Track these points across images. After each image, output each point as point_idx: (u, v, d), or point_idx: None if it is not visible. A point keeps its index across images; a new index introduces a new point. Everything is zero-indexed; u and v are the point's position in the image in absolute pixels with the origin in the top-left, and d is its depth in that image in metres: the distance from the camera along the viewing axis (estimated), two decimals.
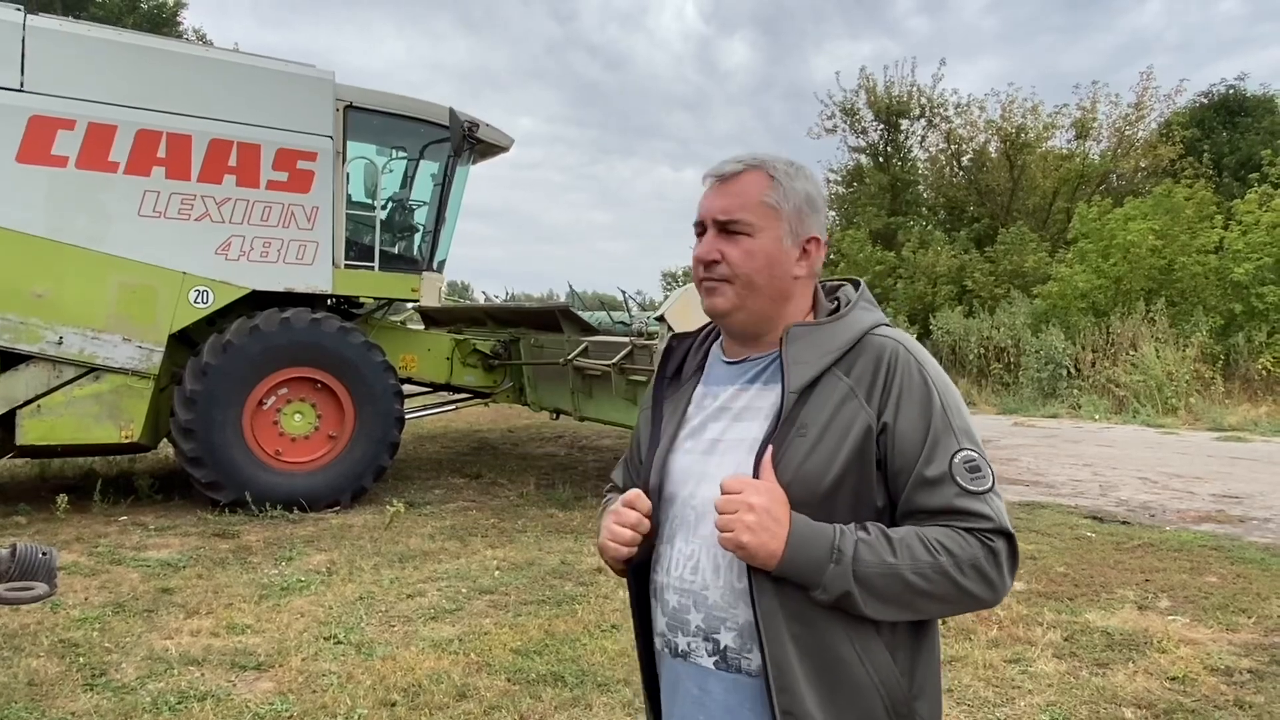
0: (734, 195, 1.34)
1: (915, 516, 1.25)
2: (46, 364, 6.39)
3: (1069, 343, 15.51)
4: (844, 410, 1.26)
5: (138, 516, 6.60)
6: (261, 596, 4.83)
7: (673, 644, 1.35)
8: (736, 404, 1.37)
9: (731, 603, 1.27)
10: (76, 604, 4.61)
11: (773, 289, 1.35)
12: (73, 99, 6.42)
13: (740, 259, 1.33)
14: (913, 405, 1.26)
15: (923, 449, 1.25)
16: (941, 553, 1.20)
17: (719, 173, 1.37)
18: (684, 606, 1.32)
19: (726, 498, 1.23)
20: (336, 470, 7.15)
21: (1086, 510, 7.20)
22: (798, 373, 1.28)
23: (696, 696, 1.31)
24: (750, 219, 1.33)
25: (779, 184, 1.34)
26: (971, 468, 1.25)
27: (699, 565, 1.31)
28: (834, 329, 1.33)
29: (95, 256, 6.48)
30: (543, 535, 6.32)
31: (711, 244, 1.35)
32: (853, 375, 1.29)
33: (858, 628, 1.23)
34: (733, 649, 1.28)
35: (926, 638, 1.31)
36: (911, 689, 1.27)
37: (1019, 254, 20.12)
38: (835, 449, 1.25)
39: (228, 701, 3.50)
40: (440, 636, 4.25)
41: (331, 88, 7.35)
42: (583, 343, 7.36)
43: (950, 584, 1.20)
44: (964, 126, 24.45)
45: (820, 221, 1.39)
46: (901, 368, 1.28)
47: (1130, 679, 3.80)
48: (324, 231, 7.27)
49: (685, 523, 1.35)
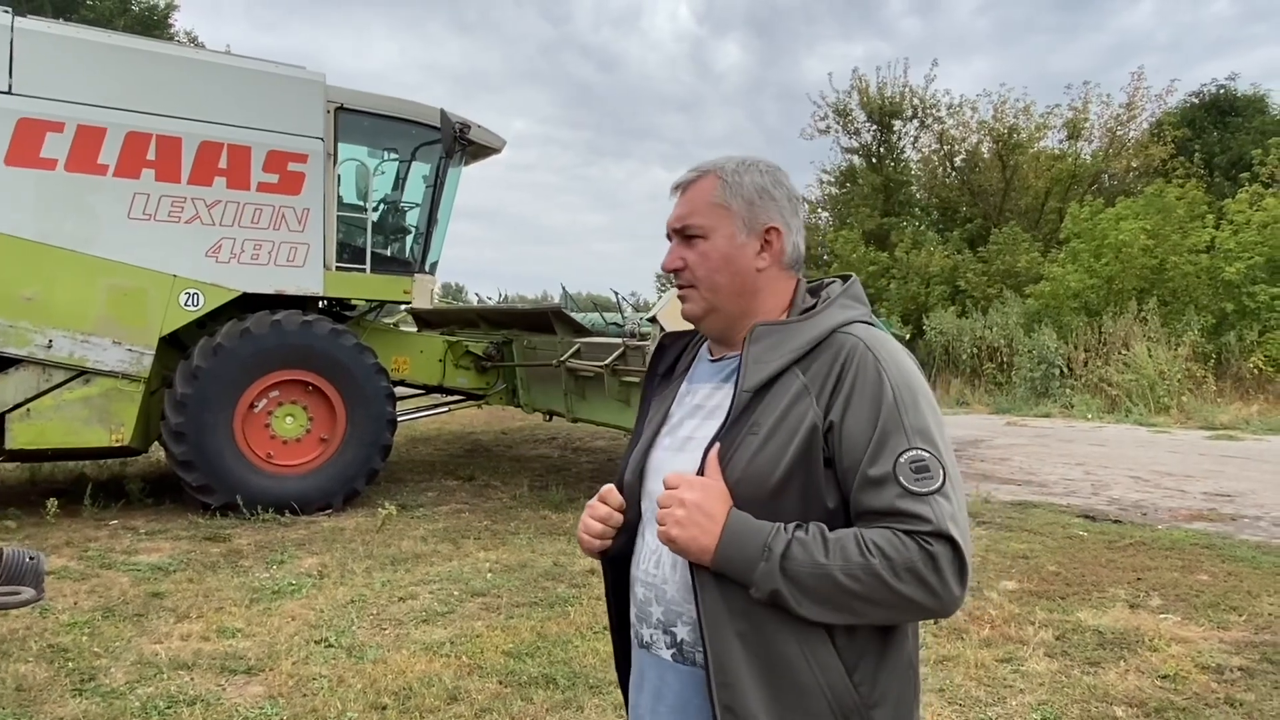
0: (688, 202, 1.39)
1: (864, 518, 1.23)
2: (36, 367, 6.36)
3: (1061, 342, 15.55)
4: (795, 409, 1.26)
5: (128, 520, 6.57)
6: (252, 600, 4.81)
7: (640, 635, 1.39)
8: (709, 402, 1.39)
9: (685, 597, 1.30)
10: (66, 608, 4.58)
11: (735, 285, 1.37)
12: (62, 101, 6.39)
13: (697, 261, 1.38)
14: (863, 402, 1.24)
15: (868, 447, 1.22)
16: (875, 554, 1.17)
17: (678, 183, 1.43)
18: (648, 599, 1.36)
19: (665, 493, 1.25)
20: (328, 473, 7.12)
21: (1079, 509, 7.22)
22: (754, 372, 1.29)
23: (657, 687, 1.35)
24: (701, 221, 1.37)
25: (726, 183, 1.37)
26: (918, 468, 1.21)
27: (660, 560, 1.34)
28: (800, 328, 1.33)
29: (85, 259, 6.45)
30: (535, 537, 6.31)
31: (674, 252, 1.40)
32: (809, 374, 1.28)
33: (804, 630, 1.22)
34: (688, 642, 1.31)
35: (894, 645, 1.28)
36: (873, 695, 1.25)
37: (1012, 254, 20.17)
38: (783, 447, 1.24)
39: (217, 706, 3.48)
40: (432, 639, 4.24)
41: (322, 89, 7.33)
42: (575, 344, 7.35)
43: (884, 587, 1.17)
44: (956, 127, 24.51)
45: (781, 209, 1.39)
46: (857, 363, 1.26)
47: (1122, 677, 3.80)
48: (315, 234, 7.25)
49: (653, 518, 1.36)
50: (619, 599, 1.48)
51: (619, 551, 1.42)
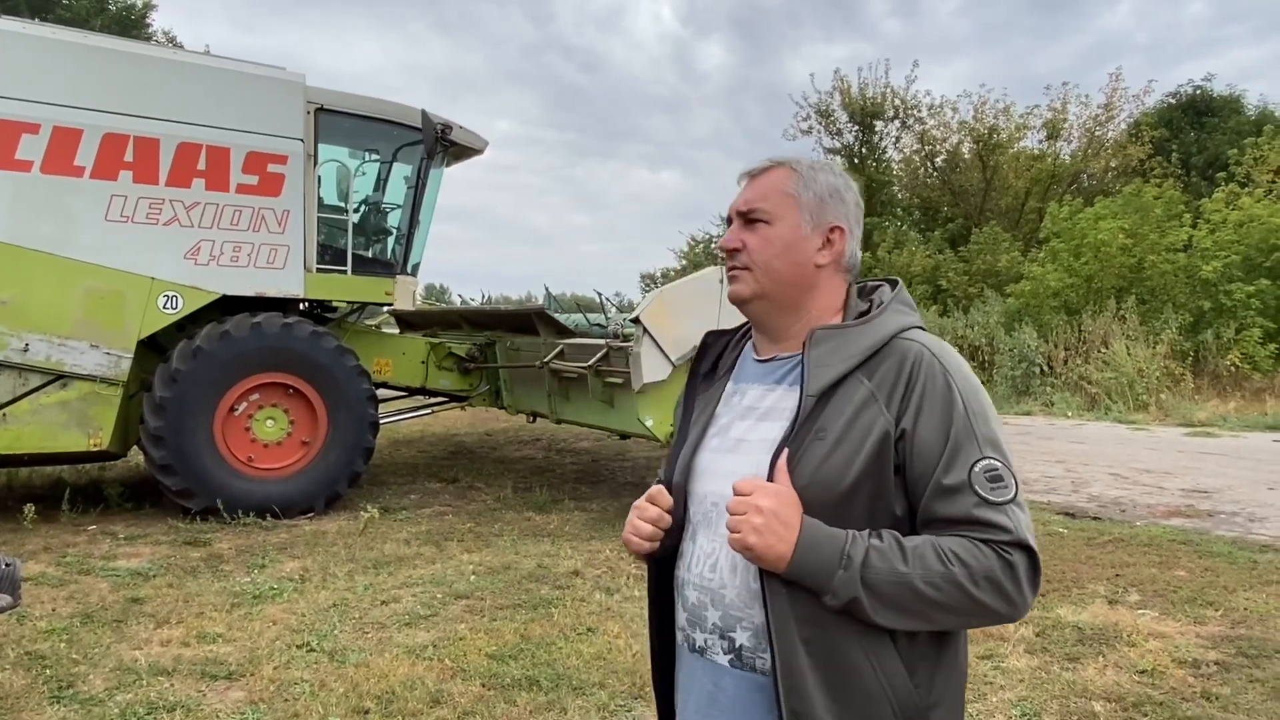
0: (757, 188, 1.40)
1: (934, 525, 1.24)
2: (12, 372, 6.28)
3: (1042, 341, 15.68)
4: (863, 415, 1.25)
5: (107, 525, 6.50)
6: (233, 605, 4.77)
7: (691, 639, 1.37)
8: (763, 404, 1.37)
9: (747, 602, 1.28)
10: (43, 615, 4.53)
11: (792, 275, 1.37)
12: (37, 102, 6.31)
13: (757, 245, 1.37)
14: (934, 411, 1.25)
15: (942, 456, 1.23)
16: (955, 563, 1.19)
17: (749, 170, 1.43)
18: (702, 603, 1.34)
19: (736, 499, 1.23)
20: (310, 476, 7.08)
21: (1059, 506, 7.28)
22: (818, 375, 1.29)
23: (711, 692, 1.33)
24: (768, 207, 1.37)
25: (800, 175, 1.39)
26: (993, 477, 1.22)
27: (718, 564, 1.32)
28: (860, 332, 1.33)
29: (61, 262, 6.38)
30: (519, 539, 6.29)
31: (734, 233, 1.40)
32: (875, 379, 1.28)
33: (871, 634, 1.23)
34: (747, 648, 1.29)
35: (949, 648, 1.30)
36: (929, 698, 1.26)
37: (992, 253, 20.33)
38: (853, 453, 1.24)
39: (197, 711, 3.46)
40: (415, 642, 4.22)
41: (302, 90, 7.29)
42: (559, 345, 7.35)
43: (963, 595, 1.18)
44: (937, 127, 24.68)
45: (848, 213, 1.40)
46: (925, 372, 1.27)
47: (1100, 673, 3.84)
48: (295, 235, 7.20)
49: (707, 520, 1.36)
50: (660, 600, 1.45)
51: (663, 553, 1.40)
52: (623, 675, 3.78)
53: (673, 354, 6.17)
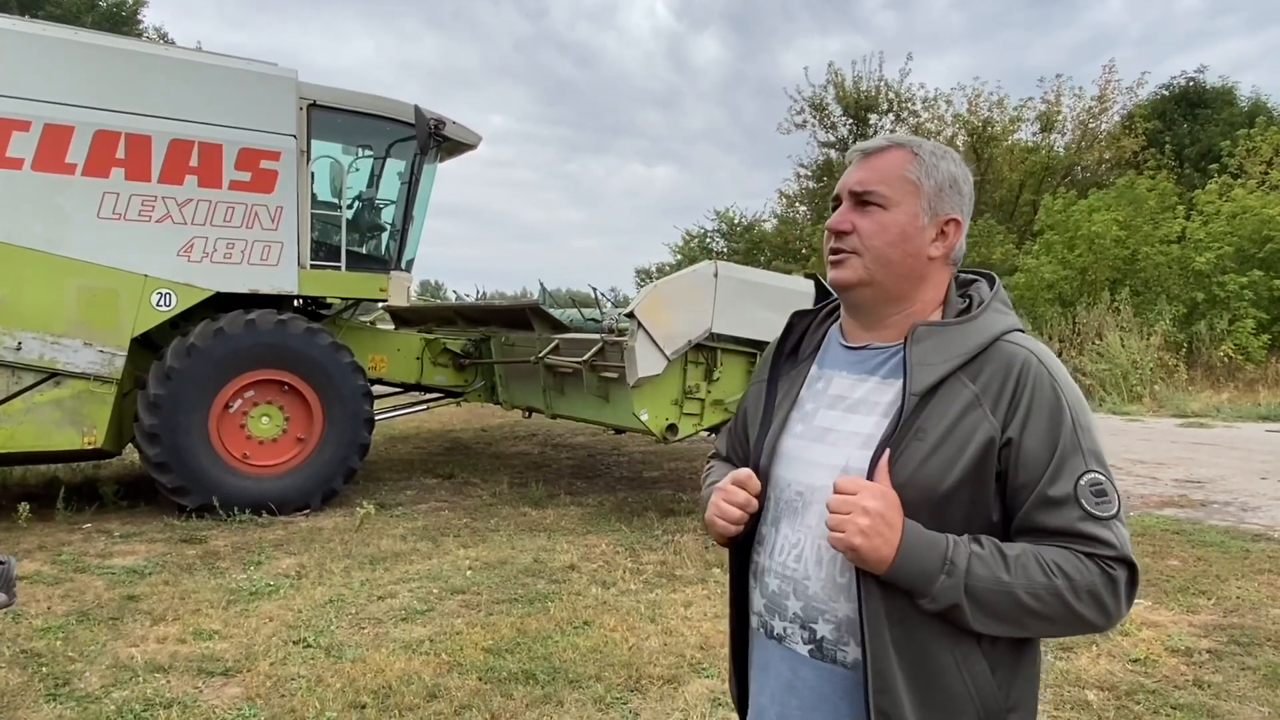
0: (874, 169, 1.33)
1: (1033, 534, 1.22)
2: (5, 370, 6.26)
3: (1036, 332, 15.73)
4: (967, 418, 1.23)
5: (102, 524, 6.50)
6: (229, 602, 4.77)
7: (769, 625, 1.36)
8: (853, 394, 1.34)
9: (832, 595, 1.28)
10: (39, 613, 4.53)
11: (905, 265, 1.31)
12: (28, 100, 6.29)
13: (872, 231, 1.31)
14: (1041, 421, 1.22)
15: (1048, 467, 1.21)
16: (1058, 575, 1.18)
17: (864, 148, 1.36)
18: (783, 592, 1.33)
19: (840, 498, 1.21)
20: (306, 473, 7.07)
21: None
22: (921, 374, 1.25)
23: (788, 680, 1.32)
24: (886, 191, 1.31)
25: (922, 160, 1.33)
26: (1098, 491, 1.21)
27: (802, 554, 1.31)
28: (963, 331, 1.29)
29: (53, 260, 6.36)
30: (515, 534, 6.30)
31: (844, 214, 1.33)
32: (979, 382, 1.25)
33: (959, 637, 1.22)
34: (829, 640, 1.28)
35: (1028, 652, 1.29)
36: (1009, 701, 1.26)
37: (987, 246, 20.36)
38: (954, 457, 1.22)
39: (194, 708, 3.46)
40: (411, 637, 4.23)
41: (294, 86, 7.26)
42: (554, 340, 7.35)
43: (1063, 607, 1.18)
44: (931, 120, 24.72)
45: (963, 205, 1.36)
46: (1033, 380, 1.24)
47: (1093, 662, 3.87)
48: (289, 232, 7.18)
49: (791, 509, 1.34)
50: (739, 586, 1.44)
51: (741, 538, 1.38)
52: (619, 668, 3.79)
53: (667, 348, 6.18)
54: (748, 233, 27.89)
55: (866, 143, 1.37)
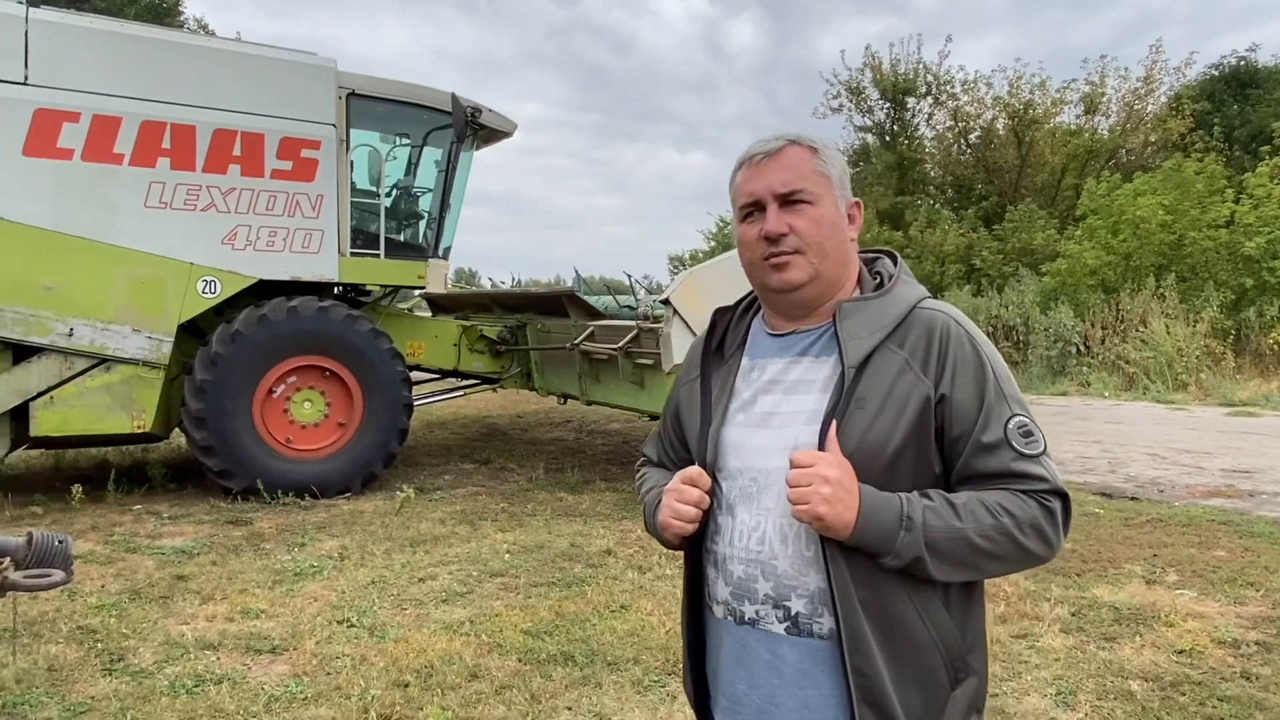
0: (788, 168, 1.37)
1: (973, 481, 1.30)
2: (58, 356, 6.44)
3: (1078, 320, 15.44)
4: (901, 382, 1.30)
5: (151, 505, 6.67)
6: (275, 582, 4.88)
7: (738, 612, 1.37)
8: (788, 377, 1.39)
9: (801, 570, 1.32)
10: (94, 591, 4.67)
11: (839, 253, 1.40)
12: (77, 91, 6.44)
13: (810, 228, 1.37)
14: (967, 376, 1.31)
15: (979, 416, 1.30)
16: (1004, 514, 1.26)
17: (764, 150, 1.40)
18: (751, 576, 1.35)
19: (799, 471, 1.26)
20: (347, 457, 7.20)
21: (1095, 487, 7.20)
22: (855, 348, 1.32)
23: (769, 661, 1.35)
24: (811, 188, 1.37)
25: (820, 153, 1.40)
26: (1024, 432, 1.30)
27: (765, 536, 1.35)
28: (883, 304, 1.37)
29: (103, 248, 6.52)
30: (552, 519, 6.36)
31: (778, 218, 1.37)
32: (906, 348, 1.33)
33: (919, 590, 1.29)
34: (804, 615, 1.32)
35: (975, 594, 1.38)
36: (965, 642, 1.34)
37: (1027, 231, 20.00)
38: (896, 420, 1.29)
39: (243, 684, 3.55)
40: (452, 619, 4.30)
41: (334, 75, 7.35)
42: (589, 327, 7.37)
43: (1012, 544, 1.26)
44: (971, 104, 24.25)
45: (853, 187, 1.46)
46: (954, 340, 1.33)
47: (1138, 652, 3.81)
48: (329, 220, 7.29)
49: (746, 495, 1.37)
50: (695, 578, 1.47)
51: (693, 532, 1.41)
52: (656, 651, 3.82)
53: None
54: None
55: (761, 145, 1.41)
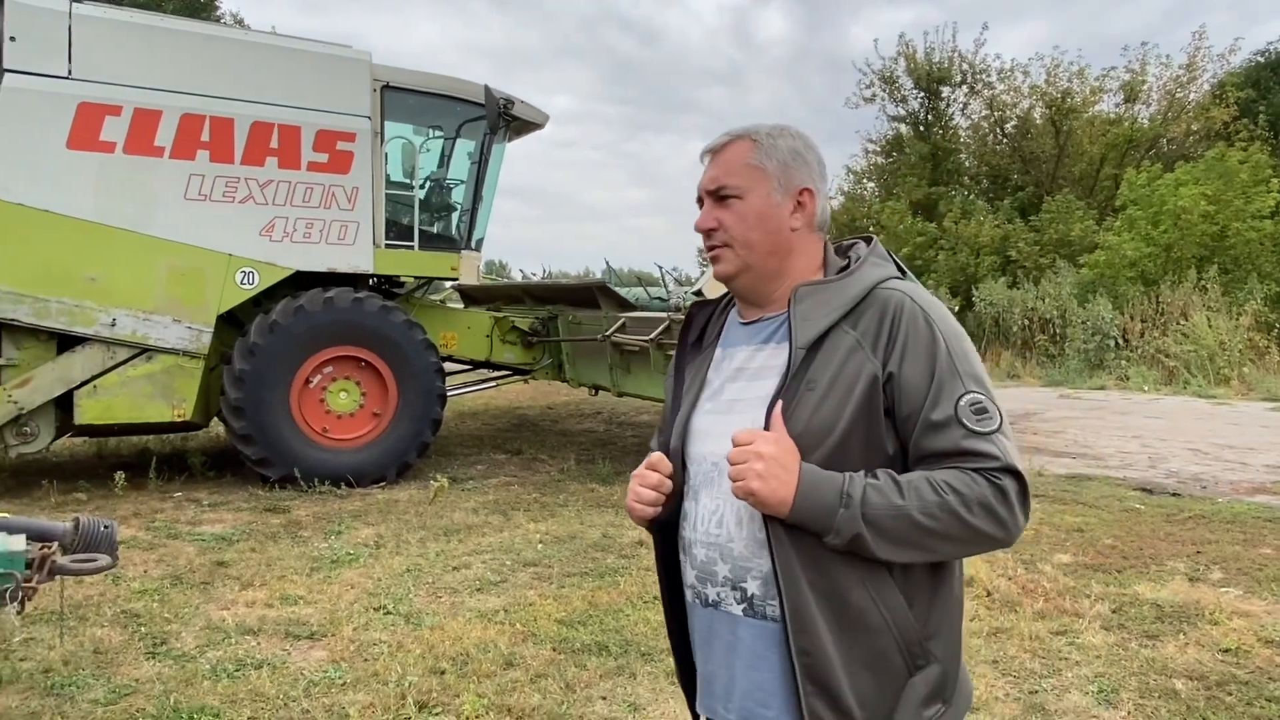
0: (721, 165, 1.41)
1: (925, 461, 1.28)
2: (101, 345, 6.57)
3: (1117, 313, 15.18)
4: (850, 362, 1.30)
5: (192, 492, 6.79)
6: (312, 569, 4.95)
7: (703, 595, 1.40)
8: (752, 364, 1.42)
9: (755, 552, 1.33)
10: (136, 576, 4.77)
11: (770, 243, 1.40)
12: (119, 85, 6.54)
13: (733, 222, 1.39)
14: (918, 352, 1.29)
15: (928, 394, 1.27)
16: (949, 493, 1.23)
17: (710, 147, 1.44)
18: (711, 559, 1.38)
19: (737, 449, 1.27)
20: (381, 446, 7.27)
21: (1135, 482, 7.07)
22: (804, 329, 1.33)
23: (729, 642, 1.37)
24: (736, 182, 1.39)
25: (760, 145, 1.40)
26: (978, 410, 1.27)
27: (723, 519, 1.37)
28: (841, 285, 1.37)
29: (144, 240, 6.63)
30: (584, 509, 6.38)
31: (707, 213, 1.42)
32: (859, 328, 1.32)
33: (871, 571, 1.27)
34: (758, 596, 1.33)
35: (943, 581, 1.35)
36: (927, 629, 1.32)
37: (1065, 222, 19.67)
38: (843, 400, 1.28)
39: (283, 669, 3.61)
40: (486, 607, 4.33)
41: (369, 68, 7.39)
42: (620, 319, 7.37)
43: (959, 523, 1.22)
44: (1007, 92, 23.86)
45: (813, 173, 1.43)
46: (906, 317, 1.31)
47: (1181, 651, 3.74)
48: (364, 212, 7.35)
49: (709, 480, 1.40)
50: (667, 565, 1.50)
51: (665, 518, 1.45)
52: None
53: None
54: None
55: (711, 142, 1.45)
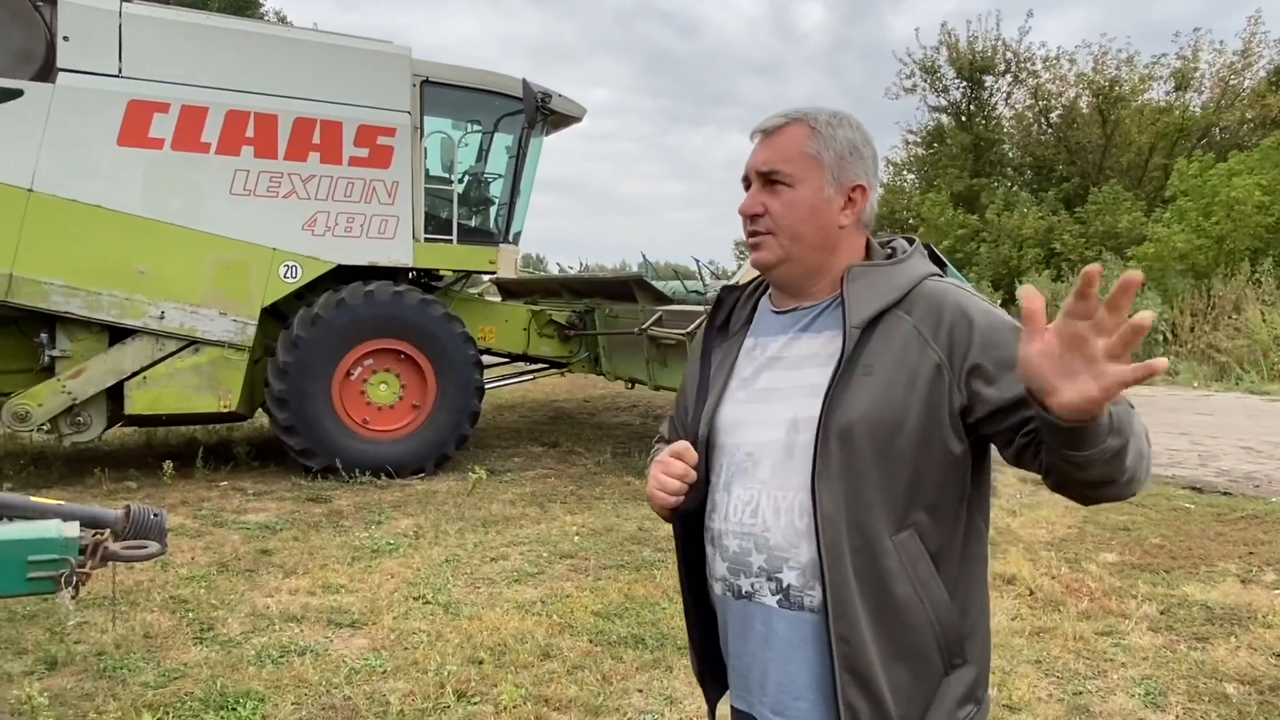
0: (775, 148, 1.36)
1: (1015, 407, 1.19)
2: (150, 338, 6.73)
3: (1166, 307, 14.81)
4: (911, 350, 1.26)
5: (237, 482, 6.94)
6: (354, 558, 5.03)
7: (735, 587, 1.37)
8: (790, 353, 1.38)
9: (793, 542, 1.30)
10: (184, 563, 4.88)
11: (817, 238, 1.36)
12: (167, 83, 6.67)
13: (782, 210, 1.35)
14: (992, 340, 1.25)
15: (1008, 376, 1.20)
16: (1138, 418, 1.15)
17: (763, 127, 1.39)
18: (745, 549, 1.35)
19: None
20: (421, 438, 7.36)
21: (1185, 481, 6.90)
22: (859, 308, 1.29)
23: (763, 634, 1.35)
24: (790, 170, 1.34)
25: (819, 134, 1.35)
26: None
27: (759, 509, 1.34)
28: (892, 271, 1.35)
29: (191, 234, 6.77)
30: (620, 502, 6.39)
31: (754, 197, 1.38)
32: (914, 315, 1.29)
33: (917, 566, 1.25)
34: (795, 587, 1.30)
35: (979, 580, 1.34)
36: (965, 628, 1.30)
37: (1112, 214, 19.26)
38: (906, 389, 1.25)
39: (325, 656, 3.67)
40: (523, 598, 4.36)
41: (408, 63, 7.46)
42: (656, 312, 7.36)
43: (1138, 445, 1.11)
44: (1053, 81, 23.41)
45: (867, 169, 1.38)
46: (964, 309, 1.28)
47: (1232, 654, 3.65)
48: (404, 206, 7.42)
49: (742, 470, 1.37)
50: (688, 557, 1.47)
51: (686, 508, 1.41)
52: None
53: None
54: None
55: (765, 121, 1.39)
